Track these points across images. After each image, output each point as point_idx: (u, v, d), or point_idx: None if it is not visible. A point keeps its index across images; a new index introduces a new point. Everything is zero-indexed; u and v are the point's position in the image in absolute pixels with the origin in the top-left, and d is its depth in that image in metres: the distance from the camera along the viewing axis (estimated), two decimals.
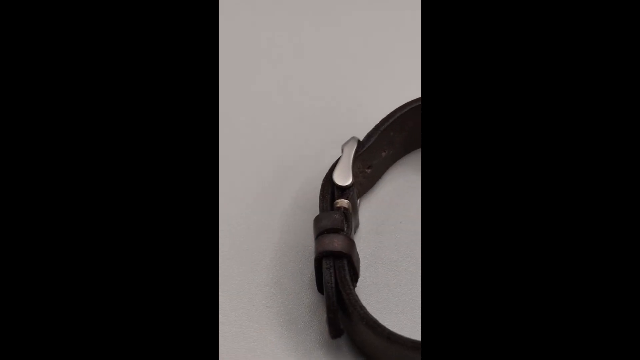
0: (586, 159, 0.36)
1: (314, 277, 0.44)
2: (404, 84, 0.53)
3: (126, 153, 0.37)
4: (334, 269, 0.42)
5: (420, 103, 0.48)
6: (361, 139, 0.47)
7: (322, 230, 0.43)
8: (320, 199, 0.45)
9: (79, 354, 0.36)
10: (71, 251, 0.36)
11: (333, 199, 0.44)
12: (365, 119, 0.49)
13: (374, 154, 0.48)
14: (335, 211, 0.44)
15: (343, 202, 0.44)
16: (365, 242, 0.47)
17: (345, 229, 0.43)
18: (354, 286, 0.43)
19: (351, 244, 0.43)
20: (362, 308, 0.41)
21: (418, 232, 0.47)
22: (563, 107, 0.37)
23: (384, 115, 0.48)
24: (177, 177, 0.37)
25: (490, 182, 0.36)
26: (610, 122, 0.36)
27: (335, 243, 0.42)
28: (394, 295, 0.45)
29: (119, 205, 0.37)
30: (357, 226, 0.47)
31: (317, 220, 0.44)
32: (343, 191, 0.45)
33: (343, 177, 0.45)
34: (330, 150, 0.48)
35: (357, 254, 0.44)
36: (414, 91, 0.49)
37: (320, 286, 0.43)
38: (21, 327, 0.36)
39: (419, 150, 0.51)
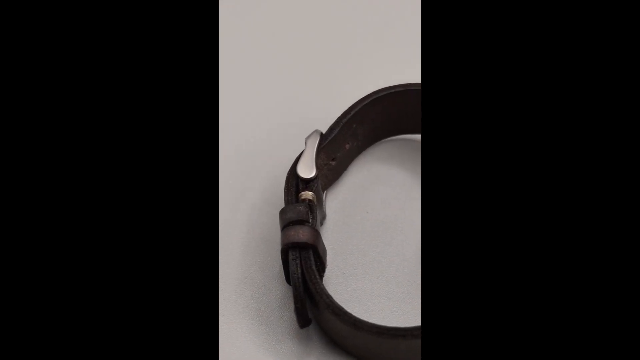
0: (584, 153, 0.36)
1: (282, 270, 0.45)
2: (367, 78, 0.54)
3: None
4: (300, 260, 0.42)
5: (379, 95, 0.48)
6: (324, 132, 0.48)
7: (287, 222, 0.43)
8: (285, 192, 0.45)
9: (68, 347, 0.36)
10: (64, 243, 0.36)
11: (298, 192, 0.45)
12: (329, 113, 0.50)
13: (338, 146, 0.48)
14: (300, 203, 0.44)
15: (307, 194, 0.45)
16: (332, 232, 0.48)
17: (311, 220, 0.44)
18: (322, 276, 0.44)
19: (316, 234, 0.43)
20: (328, 297, 0.41)
21: (384, 220, 0.48)
22: (563, 109, 0.37)
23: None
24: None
25: (488, 175, 0.37)
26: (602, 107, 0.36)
27: (301, 234, 0.43)
28: (362, 284, 0.46)
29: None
30: (323, 218, 0.48)
31: (282, 212, 0.44)
32: (307, 183, 0.45)
33: (306, 170, 0.45)
34: (296, 144, 0.49)
35: (323, 245, 0.44)
36: (376, 84, 0.50)
37: (288, 278, 0.44)
38: (22, 328, 0.36)
39: (382, 142, 0.52)
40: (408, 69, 0.53)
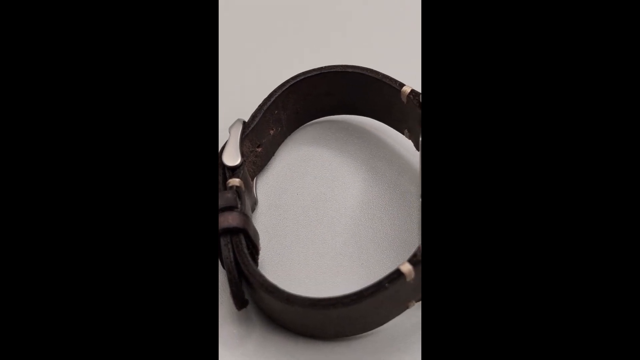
0: (582, 151, 0.37)
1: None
2: (286, 65, 0.55)
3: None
4: (232, 245, 0.44)
5: (297, 80, 0.50)
6: (246, 120, 0.49)
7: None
8: None
9: (60, 340, 0.36)
10: (59, 237, 0.37)
11: (225, 180, 0.47)
12: (252, 103, 0.51)
13: (262, 133, 0.50)
14: (228, 190, 0.46)
15: (235, 181, 0.46)
16: (265, 217, 0.49)
17: (239, 205, 0.45)
18: (256, 259, 0.45)
19: (246, 219, 0.45)
20: (261, 276, 0.43)
21: (314, 200, 0.50)
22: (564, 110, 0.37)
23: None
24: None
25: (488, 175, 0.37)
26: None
27: (230, 220, 0.44)
28: (297, 262, 0.47)
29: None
30: (255, 203, 0.49)
31: None
32: (233, 171, 0.47)
33: (231, 158, 0.47)
34: (220, 135, 0.50)
35: (254, 228, 0.46)
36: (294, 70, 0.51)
37: (222, 263, 0.45)
38: (22, 328, 0.36)
39: (306, 125, 0.53)
40: (323, 50, 0.54)
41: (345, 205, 0.49)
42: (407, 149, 0.51)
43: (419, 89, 0.48)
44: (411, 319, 0.45)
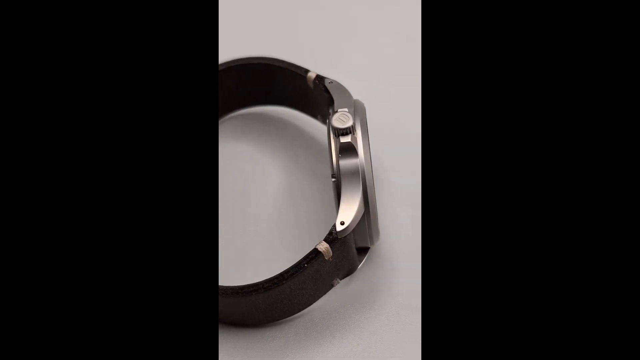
0: (582, 150, 0.37)
1: None
2: None
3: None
4: None
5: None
6: None
7: None
8: None
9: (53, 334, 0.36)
10: (53, 232, 0.36)
11: None
12: None
13: None
14: None
15: None
16: None
17: None
18: None
19: None
20: None
21: (239, 193, 0.50)
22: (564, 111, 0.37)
23: None
24: None
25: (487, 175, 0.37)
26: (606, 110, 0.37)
27: None
28: (226, 255, 0.47)
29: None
30: None
31: None
32: None
33: None
34: None
35: None
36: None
37: None
38: (21, 327, 0.36)
39: (223, 121, 0.54)
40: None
41: (267, 195, 0.50)
42: (323, 133, 0.52)
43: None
44: (339, 296, 0.46)
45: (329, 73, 0.49)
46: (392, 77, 0.56)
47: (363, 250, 0.46)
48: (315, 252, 0.42)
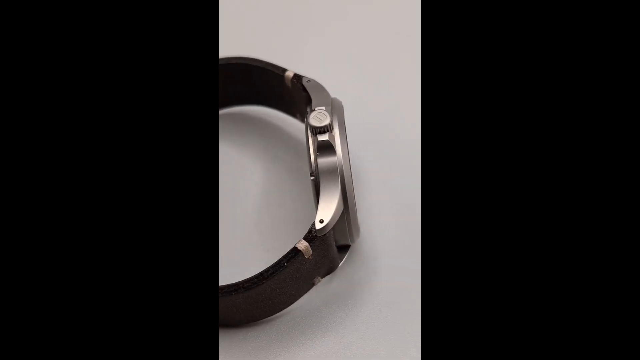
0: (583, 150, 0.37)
1: None
2: None
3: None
4: None
5: None
6: None
7: None
8: None
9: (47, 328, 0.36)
10: (53, 232, 0.36)
11: None
12: None
13: None
14: None
15: None
16: None
17: None
18: None
19: None
20: None
21: (220, 197, 0.50)
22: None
23: None
24: None
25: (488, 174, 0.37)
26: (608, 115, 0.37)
27: None
28: None
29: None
30: None
31: None
32: None
33: None
34: None
35: None
36: None
37: None
38: (20, 327, 0.36)
39: None
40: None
41: (248, 195, 0.50)
42: (303, 132, 0.52)
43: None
44: (320, 295, 0.46)
45: (314, 72, 0.49)
46: (374, 76, 0.56)
47: (344, 248, 0.46)
48: (295, 251, 0.42)
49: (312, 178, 0.43)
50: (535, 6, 0.37)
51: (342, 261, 0.46)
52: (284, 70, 0.49)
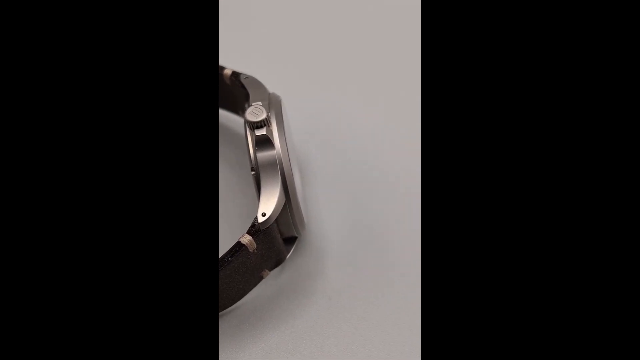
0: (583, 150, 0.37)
1: None
2: None
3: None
4: None
5: None
6: None
7: None
8: None
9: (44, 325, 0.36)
10: (52, 232, 0.37)
11: None
12: None
13: None
14: None
15: None
16: None
17: None
18: None
19: None
20: None
21: None
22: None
23: None
24: None
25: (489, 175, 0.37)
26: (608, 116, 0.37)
27: None
28: None
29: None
30: None
31: None
32: None
33: None
34: None
35: None
36: None
37: None
38: (20, 326, 0.36)
39: None
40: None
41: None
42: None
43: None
44: (270, 287, 0.46)
45: (258, 69, 0.50)
46: (319, 71, 0.57)
47: (291, 240, 0.46)
48: (238, 245, 0.42)
49: (252, 173, 0.44)
50: (522, 12, 0.38)
51: (290, 253, 0.46)
52: (222, 68, 0.49)
